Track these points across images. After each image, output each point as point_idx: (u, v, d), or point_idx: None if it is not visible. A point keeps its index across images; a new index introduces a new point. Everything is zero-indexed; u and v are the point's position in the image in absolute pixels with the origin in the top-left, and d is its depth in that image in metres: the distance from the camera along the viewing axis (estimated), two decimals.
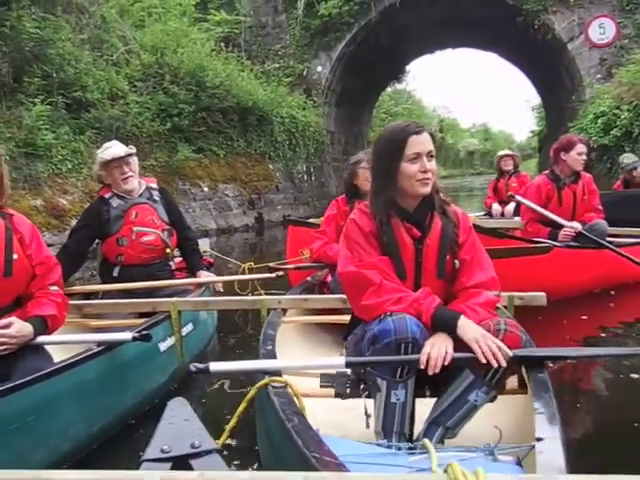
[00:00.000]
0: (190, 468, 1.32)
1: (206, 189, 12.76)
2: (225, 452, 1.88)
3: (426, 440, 1.72)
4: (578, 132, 14.09)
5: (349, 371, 2.26)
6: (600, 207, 5.56)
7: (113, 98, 11.33)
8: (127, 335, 2.75)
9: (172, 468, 1.31)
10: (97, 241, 3.95)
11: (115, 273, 3.83)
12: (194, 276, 4.08)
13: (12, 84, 9.48)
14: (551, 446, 1.58)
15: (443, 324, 2.11)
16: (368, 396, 2.21)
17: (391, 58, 21.89)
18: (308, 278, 4.15)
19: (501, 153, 8.93)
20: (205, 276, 4.09)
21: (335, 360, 2.26)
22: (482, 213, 8.75)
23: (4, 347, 2.41)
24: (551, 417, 1.78)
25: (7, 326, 2.42)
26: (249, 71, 15.62)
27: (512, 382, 2.29)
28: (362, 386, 2.22)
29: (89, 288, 3.84)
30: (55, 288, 2.65)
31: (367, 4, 17.46)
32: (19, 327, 2.45)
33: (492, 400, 2.17)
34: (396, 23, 17.92)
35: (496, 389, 2.14)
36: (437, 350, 2.03)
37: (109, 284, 3.80)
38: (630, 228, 6.15)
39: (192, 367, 2.09)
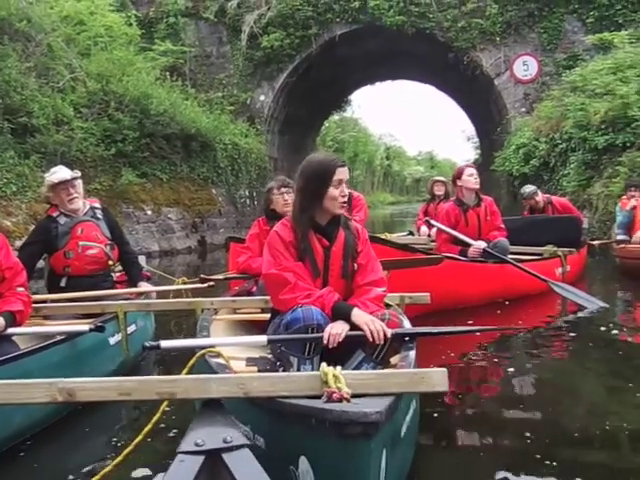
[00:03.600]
0: (222, 461, 1.55)
1: (149, 212, 13.13)
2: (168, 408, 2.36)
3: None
4: (502, 162, 15.14)
5: (270, 356, 2.86)
6: (502, 226, 6.29)
7: (58, 124, 11.67)
8: (84, 327, 3.32)
9: (205, 461, 1.54)
10: (44, 256, 4.38)
11: (62, 283, 4.25)
12: (135, 286, 4.55)
13: None
14: None
15: (341, 313, 2.73)
16: (284, 371, 2.75)
17: (333, 88, 22.75)
18: (236, 288, 4.73)
19: (434, 178, 9.44)
20: (144, 287, 4.58)
21: (259, 338, 2.84)
22: (405, 233, 9.39)
23: None
24: (410, 361, 2.49)
25: None
26: (193, 99, 16.12)
27: (395, 360, 2.86)
28: (278, 363, 2.78)
29: (39, 297, 4.24)
30: (21, 289, 3.18)
31: (307, 37, 18.26)
32: None
33: None
34: (336, 56, 18.76)
35: (381, 364, 2.73)
36: (335, 330, 2.64)
37: (57, 294, 4.23)
38: (530, 247, 6.91)
39: (147, 344, 2.60)
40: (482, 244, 6.03)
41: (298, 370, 2.68)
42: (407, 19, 17.40)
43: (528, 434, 2.94)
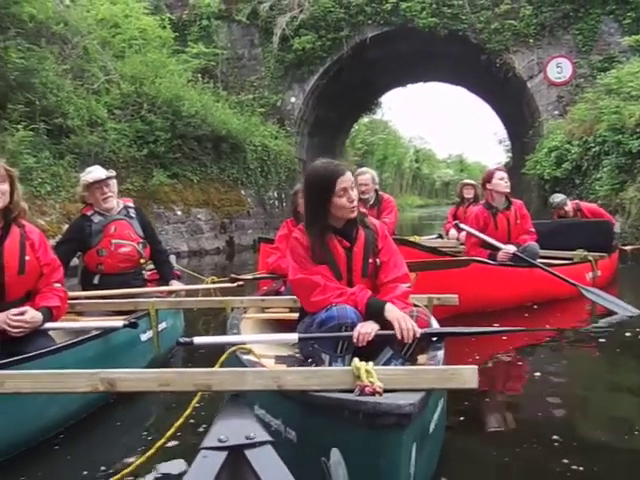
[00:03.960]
0: (245, 457, 1.55)
1: (179, 213, 13.29)
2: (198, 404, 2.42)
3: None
4: (533, 165, 14.98)
5: (298, 354, 2.93)
6: (532, 230, 6.24)
7: (92, 125, 11.87)
8: (118, 323, 3.42)
9: (228, 457, 1.54)
10: (78, 254, 4.48)
11: (95, 281, 4.35)
12: (166, 285, 4.63)
13: None
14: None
15: (374, 309, 2.75)
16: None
17: (363, 90, 22.73)
18: (264, 287, 4.83)
19: (463, 182, 9.40)
20: (176, 285, 4.66)
21: (290, 335, 2.89)
22: (434, 236, 9.38)
23: (20, 330, 3.00)
24: (438, 360, 2.53)
25: (23, 313, 3.03)
26: (224, 101, 16.26)
27: (423, 359, 2.89)
28: (309, 360, 2.83)
29: (73, 294, 4.34)
30: (58, 285, 3.27)
31: (339, 40, 18.28)
32: (32, 314, 3.06)
33: None
34: (367, 58, 18.74)
35: (410, 361, 2.75)
36: (365, 329, 2.66)
37: (90, 291, 4.32)
38: (560, 251, 6.85)
39: (181, 340, 2.69)
40: (512, 248, 5.99)
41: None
42: (439, 21, 17.32)
43: (556, 437, 2.93)
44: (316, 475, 1.91)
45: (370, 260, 2.91)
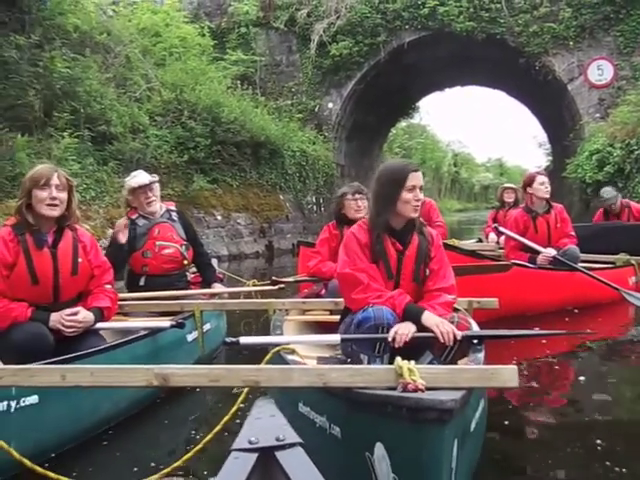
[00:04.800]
0: (275, 459, 1.50)
1: (219, 217, 13.47)
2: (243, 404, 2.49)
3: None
4: (574, 168, 14.76)
5: (339, 355, 3.02)
6: (573, 233, 6.19)
7: (134, 132, 12.12)
8: (166, 323, 3.55)
9: (258, 458, 1.49)
10: None
11: (141, 282, 4.49)
12: (209, 287, 4.74)
13: (43, 119, 10.35)
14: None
15: (411, 315, 2.81)
16: None
17: (401, 95, 22.70)
18: (305, 290, 4.93)
19: (504, 185, 9.36)
20: (218, 287, 4.76)
21: (333, 336, 2.98)
22: (473, 240, 9.34)
23: (73, 329, 3.15)
24: (478, 362, 2.57)
25: (76, 313, 3.17)
26: (263, 107, 16.43)
27: (463, 362, 2.92)
28: (348, 360, 2.90)
29: (121, 295, 4.47)
30: (109, 286, 3.42)
31: (376, 45, 18.31)
32: (85, 314, 3.21)
33: None
34: (404, 62, 18.71)
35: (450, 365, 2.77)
36: (402, 330, 2.72)
37: (136, 292, 4.45)
38: (600, 255, 6.76)
39: (227, 340, 2.78)
40: (552, 251, 5.96)
41: None
42: (477, 25, 17.20)
43: (599, 441, 2.92)
44: (360, 469, 1.96)
45: (421, 266, 2.97)
